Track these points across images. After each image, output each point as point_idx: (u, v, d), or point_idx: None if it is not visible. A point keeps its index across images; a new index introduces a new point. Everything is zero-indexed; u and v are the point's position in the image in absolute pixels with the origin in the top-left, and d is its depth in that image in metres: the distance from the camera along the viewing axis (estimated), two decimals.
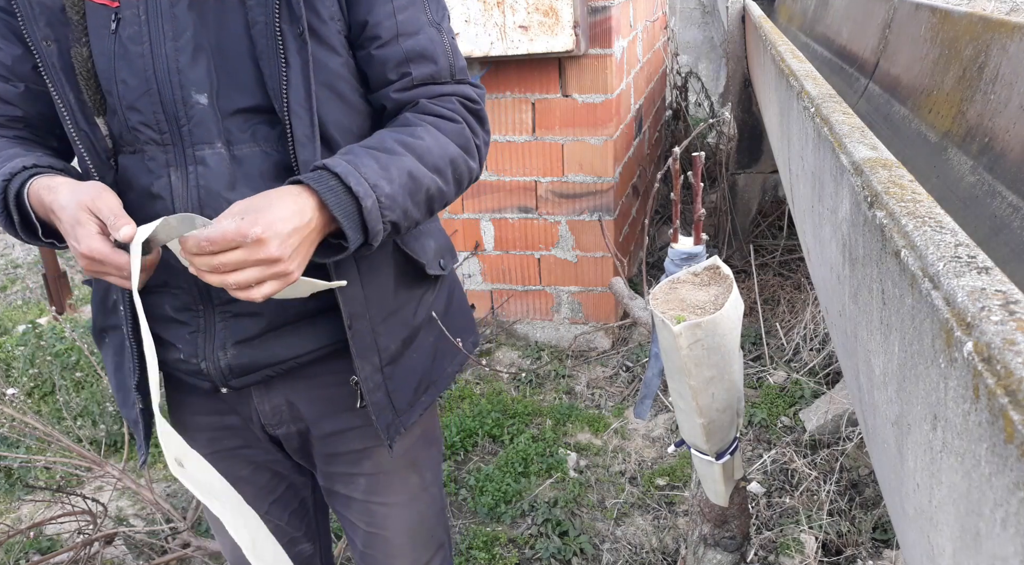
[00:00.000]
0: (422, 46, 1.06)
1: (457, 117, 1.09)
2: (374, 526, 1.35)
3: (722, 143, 3.80)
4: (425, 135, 1.03)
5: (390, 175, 0.97)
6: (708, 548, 1.50)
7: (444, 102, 1.09)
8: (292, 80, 0.99)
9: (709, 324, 1.05)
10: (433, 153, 1.03)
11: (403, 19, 1.05)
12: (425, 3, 1.08)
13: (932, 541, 0.52)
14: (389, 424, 1.22)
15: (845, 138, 0.90)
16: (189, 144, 1.03)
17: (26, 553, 2.33)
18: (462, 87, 1.12)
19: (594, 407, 2.88)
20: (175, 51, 1.00)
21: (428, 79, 1.08)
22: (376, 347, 1.17)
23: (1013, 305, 0.45)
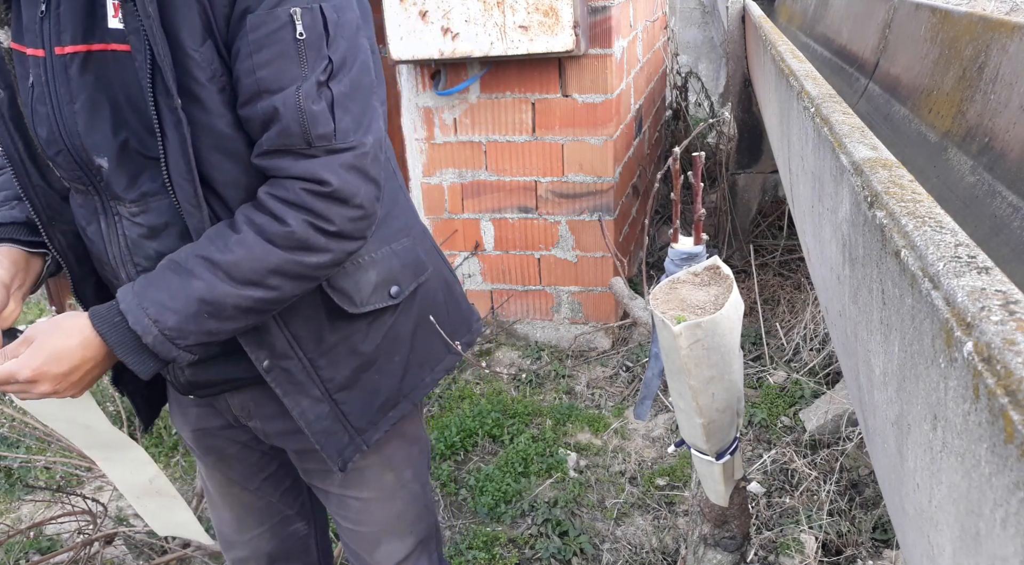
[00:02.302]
0: (274, 106, 0.96)
1: (288, 219, 0.99)
2: (349, 521, 1.37)
3: (722, 143, 3.80)
4: (238, 248, 0.98)
5: (177, 305, 0.98)
6: (708, 548, 1.50)
7: (285, 191, 0.99)
8: (170, 155, 0.98)
9: (709, 324, 1.05)
10: (243, 267, 0.99)
11: (263, 75, 0.95)
12: (298, 52, 0.95)
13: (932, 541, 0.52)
14: (344, 447, 1.23)
15: (845, 138, 0.90)
16: (109, 197, 1.06)
17: (26, 553, 2.33)
18: (314, 166, 0.98)
19: (594, 407, 2.88)
20: (72, 114, 1.00)
21: (280, 147, 0.98)
22: (316, 380, 1.18)
23: (1013, 305, 0.45)
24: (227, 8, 0.94)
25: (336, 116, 0.98)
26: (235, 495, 1.43)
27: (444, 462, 2.58)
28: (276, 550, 1.49)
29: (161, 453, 2.74)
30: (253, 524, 1.46)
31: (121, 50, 0.96)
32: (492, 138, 3.05)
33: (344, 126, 0.99)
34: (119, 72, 0.98)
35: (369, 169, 1.02)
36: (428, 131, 3.09)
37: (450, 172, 3.14)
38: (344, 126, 0.99)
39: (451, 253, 3.26)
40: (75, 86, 0.99)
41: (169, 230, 1.06)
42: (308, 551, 1.55)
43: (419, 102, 3.06)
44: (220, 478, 1.42)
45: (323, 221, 1.00)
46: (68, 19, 0.97)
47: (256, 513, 1.45)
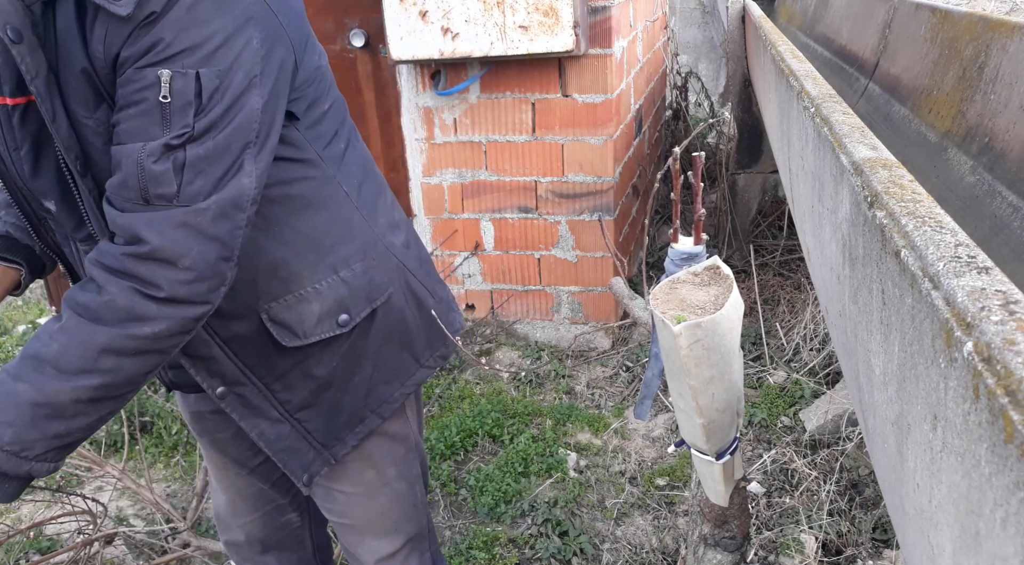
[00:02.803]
0: (119, 157, 0.93)
1: (109, 287, 0.93)
2: (334, 514, 1.39)
3: (722, 143, 3.80)
4: (60, 336, 0.93)
5: (8, 416, 0.91)
6: (708, 548, 1.50)
7: (109, 258, 0.94)
8: (86, 202, 1.03)
9: (709, 324, 1.05)
10: (69, 355, 0.92)
11: (121, 129, 0.93)
12: (163, 116, 0.91)
13: (932, 541, 0.52)
14: (309, 463, 1.24)
15: (845, 138, 0.90)
16: (69, 229, 1.09)
17: (26, 553, 2.33)
18: (134, 221, 0.92)
19: (594, 407, 2.88)
20: (20, 160, 1.03)
21: (113, 192, 0.94)
22: (273, 402, 1.19)
23: (1013, 305, 0.45)
24: (108, 70, 0.93)
25: (184, 178, 0.92)
26: (230, 478, 1.46)
27: (444, 462, 2.58)
28: (269, 538, 1.51)
29: (161, 453, 2.74)
30: (247, 509, 1.48)
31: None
32: (492, 138, 3.05)
33: (194, 189, 0.93)
34: (52, 122, 1.00)
35: (207, 227, 0.94)
36: (428, 131, 3.09)
37: (450, 172, 3.14)
38: (194, 189, 0.93)
39: (451, 253, 3.26)
40: (19, 134, 1.00)
41: None
42: (302, 543, 1.56)
43: (419, 102, 3.06)
44: (217, 460, 1.45)
45: (148, 287, 0.93)
46: (6, 72, 0.97)
47: (249, 499, 1.47)
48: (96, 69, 0.93)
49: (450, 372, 3.13)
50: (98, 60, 0.92)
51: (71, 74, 0.93)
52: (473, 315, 3.35)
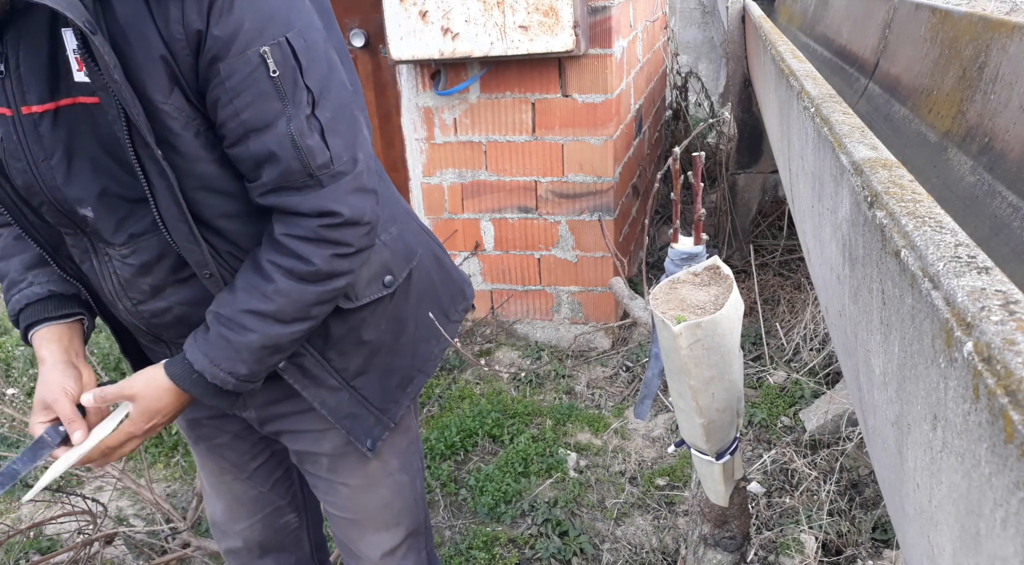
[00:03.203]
0: (267, 147, 0.98)
1: (312, 258, 1.04)
2: (337, 507, 1.40)
3: (722, 143, 3.80)
4: (277, 296, 1.06)
5: (244, 356, 1.08)
6: (708, 548, 1.50)
7: (302, 230, 1.03)
8: (160, 201, 1.01)
9: (709, 324, 1.05)
10: (287, 310, 1.07)
11: (248, 117, 0.97)
12: (277, 89, 0.96)
13: (932, 541, 0.52)
14: (371, 428, 1.28)
15: (845, 138, 0.90)
16: (97, 240, 1.09)
17: (26, 553, 2.33)
18: (323, 200, 1.02)
19: (594, 407, 2.88)
20: (50, 170, 1.01)
21: (281, 183, 1.01)
22: (330, 371, 1.23)
23: (1013, 305, 0.45)
24: (191, 58, 0.94)
25: (329, 143, 1.01)
26: (227, 484, 1.46)
27: (444, 462, 2.58)
28: (268, 541, 1.51)
29: (161, 453, 2.74)
30: (245, 514, 1.48)
31: (91, 102, 0.97)
32: (492, 138, 3.05)
33: (338, 151, 1.02)
34: (91, 123, 0.98)
35: (367, 184, 1.06)
36: (428, 131, 3.09)
37: (450, 172, 3.14)
38: (338, 151, 1.02)
39: (451, 253, 3.26)
40: (48, 143, 0.99)
41: (161, 264, 1.09)
42: (300, 544, 1.56)
43: (419, 102, 3.06)
44: (213, 467, 1.44)
45: (343, 247, 1.06)
46: (31, 78, 0.96)
47: (248, 503, 1.47)
48: (174, 53, 0.93)
49: (450, 372, 3.13)
50: (177, 42, 0.92)
51: (147, 60, 0.92)
52: (473, 315, 3.35)
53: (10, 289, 1.18)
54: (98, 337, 3.41)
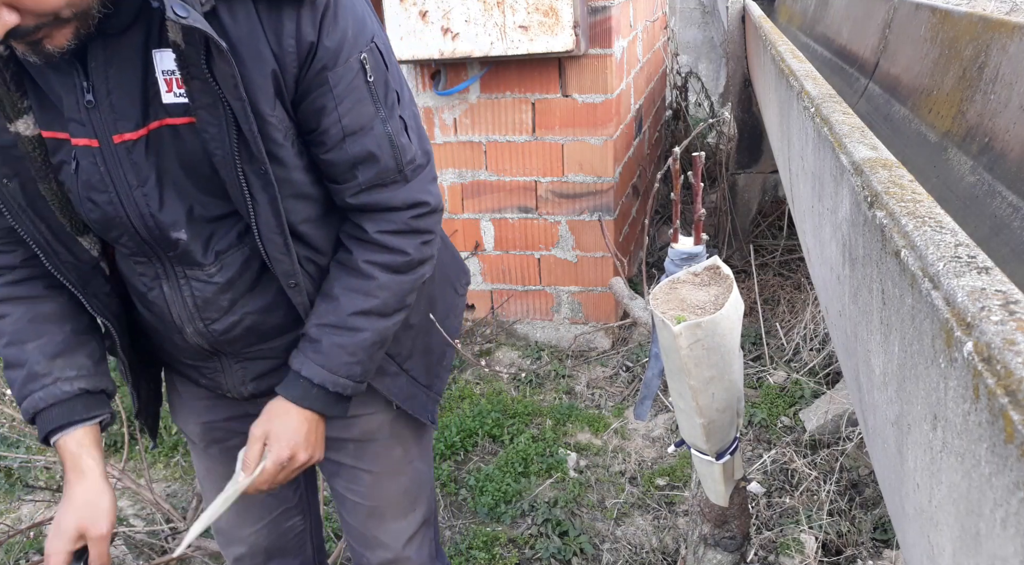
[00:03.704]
0: (366, 149, 1.03)
1: (407, 248, 1.11)
2: (358, 495, 1.41)
3: (722, 143, 3.80)
4: (380, 291, 1.11)
5: (358, 357, 1.13)
6: (708, 548, 1.50)
7: (393, 224, 1.09)
8: (261, 215, 1.03)
9: (709, 324, 1.05)
10: (390, 303, 1.13)
11: (348, 122, 1.01)
12: (371, 93, 1.02)
13: (932, 541, 0.52)
14: (425, 404, 1.36)
15: (845, 138, 0.90)
16: (177, 264, 1.09)
17: (26, 553, 2.33)
18: (412, 192, 1.09)
19: (594, 407, 2.88)
20: (143, 196, 1.01)
21: (375, 181, 1.06)
22: (388, 358, 1.28)
23: (1013, 305, 0.45)
24: (297, 69, 0.96)
25: (412, 139, 1.08)
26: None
27: (444, 462, 2.58)
28: (273, 546, 1.50)
29: (161, 453, 2.74)
30: (252, 519, 1.47)
31: (181, 123, 0.97)
32: (492, 138, 3.05)
33: (420, 145, 1.10)
34: (177, 145, 0.99)
35: (435, 174, 1.15)
36: (428, 131, 3.09)
37: (450, 172, 3.14)
38: (420, 145, 1.10)
39: None
40: (142, 170, 1.00)
41: (243, 278, 1.11)
42: (304, 547, 1.57)
43: (419, 102, 3.06)
44: (222, 471, 1.43)
45: (428, 235, 1.14)
46: (125, 105, 0.95)
47: (256, 507, 1.46)
48: (283, 66, 0.95)
49: (450, 372, 3.13)
50: (288, 55, 0.95)
51: (259, 75, 0.95)
52: (473, 315, 3.35)
53: (29, 382, 1.11)
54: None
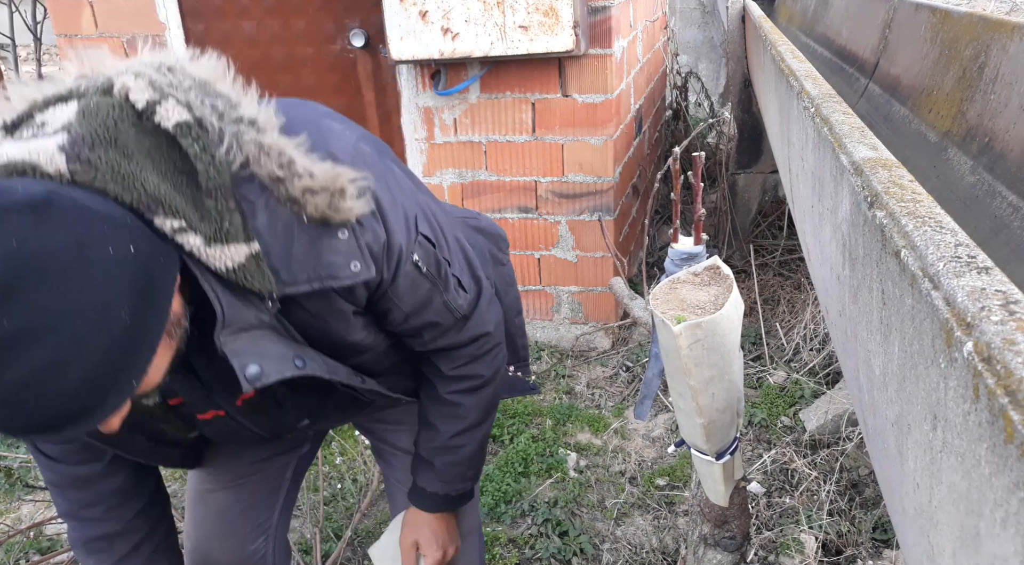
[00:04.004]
0: (428, 320, 1.12)
1: (482, 372, 1.23)
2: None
3: (722, 143, 3.80)
4: (468, 413, 1.25)
5: (467, 466, 1.31)
6: (708, 548, 1.50)
7: (462, 358, 1.20)
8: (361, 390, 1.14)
9: (709, 324, 1.05)
10: (481, 416, 1.28)
11: (410, 308, 1.09)
12: (427, 277, 1.08)
13: (932, 541, 0.52)
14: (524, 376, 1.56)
15: (845, 138, 0.90)
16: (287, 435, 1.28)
17: (26, 553, 2.33)
18: (471, 329, 1.18)
19: (594, 407, 2.88)
20: (280, 419, 1.18)
21: (438, 336, 1.16)
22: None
23: (1013, 305, 0.45)
24: (366, 293, 1.02)
25: (465, 287, 1.15)
26: (219, 500, 1.45)
27: None
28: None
29: None
30: (225, 532, 1.47)
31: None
32: (492, 138, 3.04)
33: (471, 283, 1.17)
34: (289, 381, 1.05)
35: (489, 287, 1.24)
36: (428, 131, 3.09)
37: (450, 172, 3.14)
38: (471, 283, 1.17)
39: None
40: (266, 406, 1.14)
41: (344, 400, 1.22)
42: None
43: (419, 102, 3.06)
44: (216, 479, 1.44)
45: (494, 352, 1.24)
46: (235, 380, 0.99)
47: (231, 519, 1.46)
48: (357, 303, 1.03)
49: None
50: (360, 299, 1.02)
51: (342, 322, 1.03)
52: None
53: None
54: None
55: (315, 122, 0.98)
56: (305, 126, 0.94)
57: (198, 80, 0.89)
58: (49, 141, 0.78)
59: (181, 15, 3.14)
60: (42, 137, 0.79)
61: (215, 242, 0.84)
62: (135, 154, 0.80)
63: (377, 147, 1.08)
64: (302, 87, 3.16)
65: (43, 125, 0.81)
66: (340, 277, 0.94)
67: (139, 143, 0.81)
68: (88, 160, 0.77)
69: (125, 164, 0.79)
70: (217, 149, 0.85)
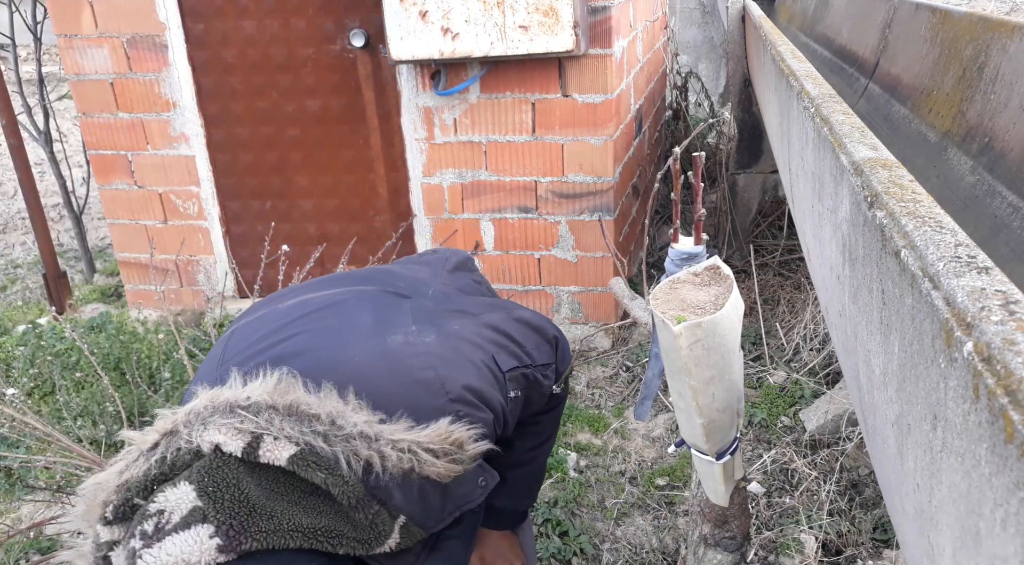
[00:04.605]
0: (533, 411, 1.23)
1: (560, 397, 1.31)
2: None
3: (722, 143, 3.80)
4: (544, 428, 1.33)
5: (535, 478, 1.38)
6: (708, 548, 1.50)
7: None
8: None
9: (709, 324, 1.05)
10: (553, 431, 1.36)
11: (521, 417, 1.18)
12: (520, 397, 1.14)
13: (932, 541, 0.52)
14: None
15: (845, 138, 0.90)
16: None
17: (26, 553, 2.33)
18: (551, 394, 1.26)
19: (594, 407, 2.88)
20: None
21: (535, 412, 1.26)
22: None
23: (1013, 305, 0.45)
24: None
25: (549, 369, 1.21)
26: None
27: None
28: None
29: None
30: None
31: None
32: (492, 138, 3.05)
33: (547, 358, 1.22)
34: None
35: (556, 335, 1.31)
36: (428, 131, 3.09)
37: (450, 172, 3.14)
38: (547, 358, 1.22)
39: None
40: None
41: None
42: None
43: (419, 102, 3.06)
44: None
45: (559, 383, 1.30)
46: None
47: None
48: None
49: None
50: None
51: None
52: None
53: None
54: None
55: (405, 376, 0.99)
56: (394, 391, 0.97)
57: (281, 408, 0.88)
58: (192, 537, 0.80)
59: (181, 15, 3.14)
60: (179, 532, 0.80)
61: (372, 545, 0.91)
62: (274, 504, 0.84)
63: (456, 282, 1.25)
64: (302, 87, 3.16)
65: (162, 514, 0.82)
66: (473, 499, 1.03)
67: (267, 490, 0.84)
68: (242, 542, 0.80)
69: (272, 524, 0.83)
70: (339, 469, 0.87)
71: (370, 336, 1.00)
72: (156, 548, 0.79)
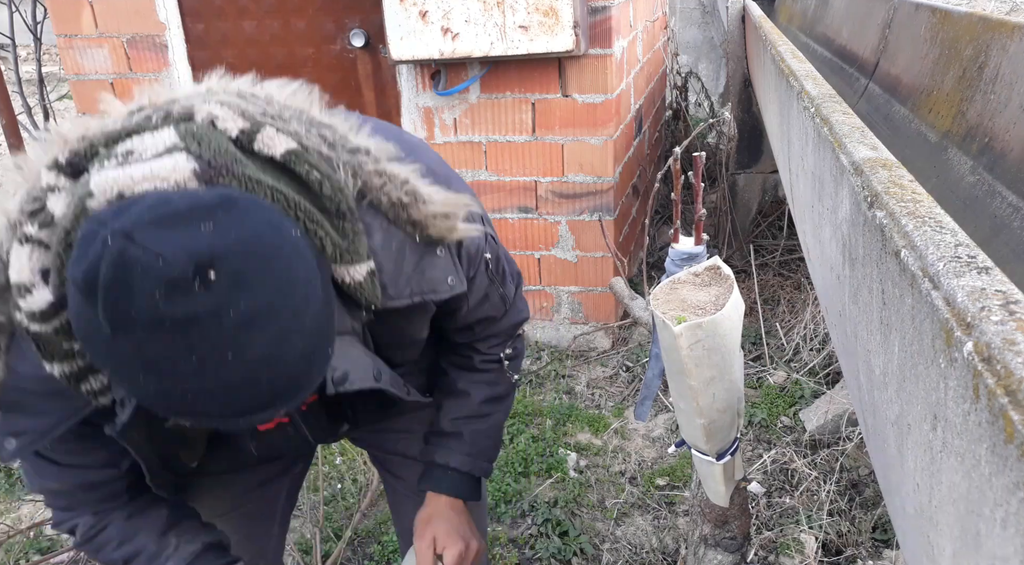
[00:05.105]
0: (486, 314, 1.16)
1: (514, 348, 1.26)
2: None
3: (722, 143, 3.80)
4: (500, 377, 1.27)
5: (493, 439, 1.31)
6: (708, 548, 1.50)
7: (497, 339, 1.23)
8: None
9: (710, 324, 1.05)
10: (509, 393, 1.31)
11: (474, 304, 1.13)
12: (490, 276, 1.11)
13: (932, 541, 0.52)
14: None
15: (845, 138, 0.90)
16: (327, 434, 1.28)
17: (26, 553, 2.33)
18: (511, 316, 1.22)
19: (594, 407, 2.88)
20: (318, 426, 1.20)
21: (488, 326, 1.20)
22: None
23: (1013, 305, 0.45)
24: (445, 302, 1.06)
25: (508, 276, 1.17)
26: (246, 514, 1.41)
27: None
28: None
29: None
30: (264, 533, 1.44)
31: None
32: (492, 138, 3.04)
33: (513, 276, 1.20)
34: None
35: (521, 279, 1.27)
36: (428, 131, 3.09)
37: None
38: (513, 276, 1.20)
39: None
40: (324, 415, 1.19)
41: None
42: None
43: (419, 102, 3.06)
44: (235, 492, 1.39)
45: (520, 339, 1.29)
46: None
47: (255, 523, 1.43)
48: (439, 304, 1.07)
49: None
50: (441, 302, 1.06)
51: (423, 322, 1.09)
52: None
53: (153, 560, 1.13)
54: None
55: (419, 148, 1.02)
56: (412, 152, 0.97)
57: (296, 109, 0.86)
58: (167, 161, 0.73)
59: (181, 15, 3.14)
60: (149, 160, 0.73)
61: (343, 260, 0.86)
62: (259, 171, 0.77)
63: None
64: None
65: (129, 153, 0.75)
66: (439, 291, 1.00)
67: (254, 164, 0.78)
68: (221, 174, 0.74)
69: (257, 176, 0.76)
70: (336, 176, 0.84)
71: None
72: (122, 169, 0.72)
